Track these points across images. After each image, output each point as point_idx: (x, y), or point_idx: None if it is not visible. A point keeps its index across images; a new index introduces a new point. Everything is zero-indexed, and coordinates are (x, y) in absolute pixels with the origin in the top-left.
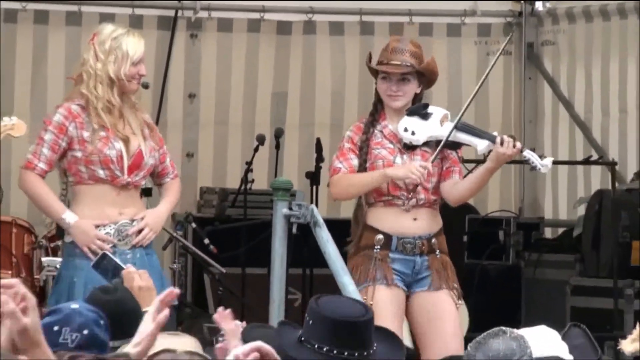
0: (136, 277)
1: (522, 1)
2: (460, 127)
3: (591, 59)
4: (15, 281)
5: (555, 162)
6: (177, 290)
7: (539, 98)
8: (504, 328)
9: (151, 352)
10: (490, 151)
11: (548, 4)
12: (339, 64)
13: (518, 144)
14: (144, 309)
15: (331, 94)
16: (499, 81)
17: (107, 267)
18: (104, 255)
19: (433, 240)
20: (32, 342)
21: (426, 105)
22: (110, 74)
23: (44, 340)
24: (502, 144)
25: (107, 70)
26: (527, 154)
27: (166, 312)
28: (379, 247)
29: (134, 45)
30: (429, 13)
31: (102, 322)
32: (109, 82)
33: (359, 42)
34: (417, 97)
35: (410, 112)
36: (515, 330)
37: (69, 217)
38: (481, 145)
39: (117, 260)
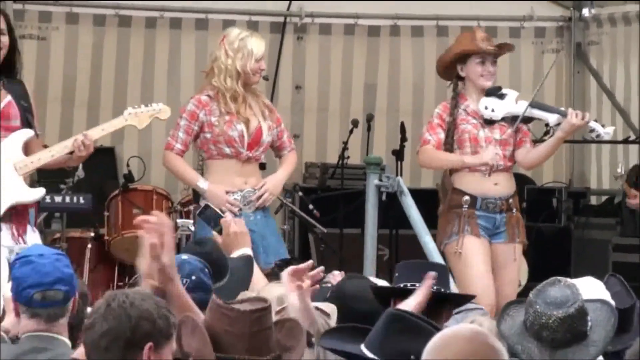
0: (232, 224)
1: (571, 8)
2: (534, 104)
3: (629, 56)
4: (167, 222)
5: (599, 142)
6: (321, 268)
7: (586, 89)
8: (559, 278)
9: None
10: (558, 124)
11: (593, 11)
12: (419, 61)
13: (586, 115)
14: (237, 250)
15: (412, 85)
16: (553, 75)
17: (209, 215)
18: (207, 206)
19: (510, 200)
20: (168, 278)
21: (500, 88)
22: (238, 68)
23: (177, 276)
24: (572, 115)
25: (235, 65)
26: (592, 124)
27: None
28: (466, 206)
29: (257, 44)
30: (494, 18)
31: (206, 270)
32: (236, 75)
33: (435, 42)
34: None
35: (488, 93)
36: (567, 279)
37: (202, 184)
38: (552, 118)
39: (218, 210)
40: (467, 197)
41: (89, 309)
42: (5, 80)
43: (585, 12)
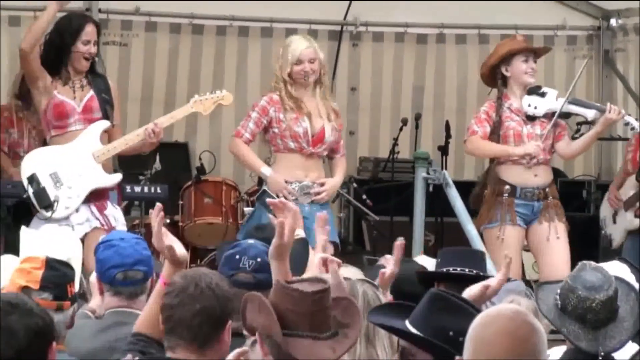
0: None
1: (600, 18)
2: (572, 101)
3: None
4: (295, 209)
5: (625, 139)
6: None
7: (613, 91)
8: (584, 262)
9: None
10: (595, 119)
11: (620, 21)
12: (462, 65)
13: (622, 111)
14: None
15: (456, 87)
16: (583, 78)
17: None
18: (264, 192)
19: (547, 189)
20: (283, 256)
21: (540, 87)
22: (284, 75)
23: (288, 258)
24: (610, 111)
25: (280, 72)
26: (628, 118)
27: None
28: (506, 194)
29: (294, 49)
30: (530, 27)
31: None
32: (283, 80)
33: (477, 49)
34: None
35: (530, 92)
36: (592, 262)
37: (265, 170)
38: (590, 113)
39: (274, 196)
40: (507, 187)
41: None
42: (90, 76)
43: (613, 22)
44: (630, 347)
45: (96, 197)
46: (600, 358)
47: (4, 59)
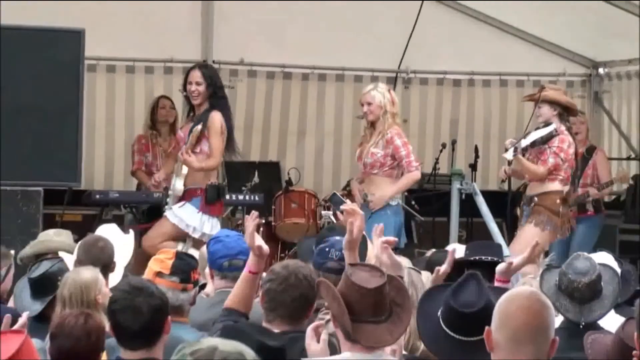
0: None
1: (591, 67)
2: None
3: (631, 100)
4: (360, 214)
5: (610, 158)
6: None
7: (601, 124)
8: (579, 252)
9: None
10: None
11: (606, 70)
12: (487, 103)
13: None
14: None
15: (483, 119)
16: (581, 117)
17: (336, 200)
18: (334, 194)
19: (535, 198)
20: (353, 248)
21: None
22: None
23: (357, 249)
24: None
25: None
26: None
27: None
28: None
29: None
30: (539, 74)
31: None
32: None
33: (498, 91)
34: None
35: None
36: (585, 253)
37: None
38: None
39: (341, 197)
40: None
41: (263, 274)
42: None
43: (601, 70)
44: (616, 319)
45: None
46: (581, 326)
47: (139, 98)
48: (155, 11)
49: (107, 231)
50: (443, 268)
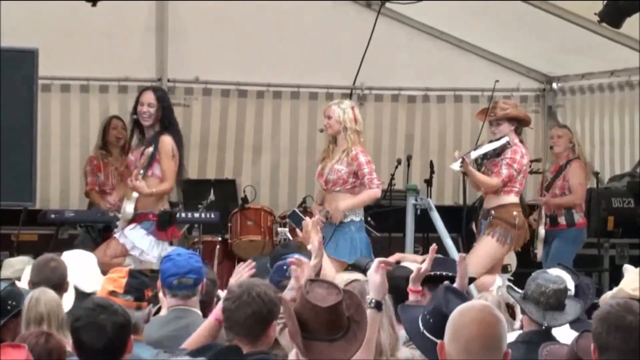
0: (308, 223)
1: (545, 82)
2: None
3: (585, 114)
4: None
5: None
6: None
7: None
8: (557, 264)
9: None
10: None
11: (559, 84)
12: (442, 119)
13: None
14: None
15: (438, 135)
16: (532, 126)
17: (295, 218)
18: (294, 211)
19: (492, 211)
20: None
21: None
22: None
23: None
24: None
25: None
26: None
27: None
28: None
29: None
30: (495, 90)
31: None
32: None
33: (453, 106)
34: None
35: None
36: (561, 267)
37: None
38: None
39: (300, 215)
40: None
41: (219, 292)
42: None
43: (555, 85)
44: (570, 334)
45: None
46: (543, 327)
47: (93, 118)
48: (110, 30)
49: (73, 257)
50: (424, 267)
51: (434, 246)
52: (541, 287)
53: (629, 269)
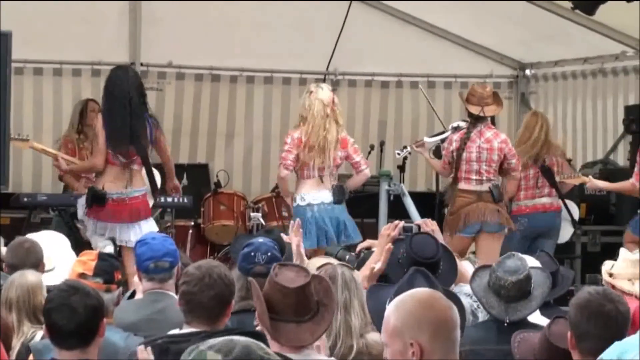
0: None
1: (518, 69)
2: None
3: (557, 101)
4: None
5: None
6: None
7: None
8: (513, 252)
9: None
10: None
11: (532, 71)
12: (415, 105)
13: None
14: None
15: (411, 121)
16: (505, 113)
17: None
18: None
19: None
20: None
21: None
22: None
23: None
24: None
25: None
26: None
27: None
28: None
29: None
30: (466, 76)
31: (276, 247)
32: None
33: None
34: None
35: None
36: (519, 253)
37: None
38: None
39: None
40: None
41: None
42: None
43: (528, 72)
44: (541, 320)
45: None
46: (505, 324)
47: (66, 101)
48: (83, 13)
49: (45, 237)
50: (378, 266)
51: (388, 247)
52: (500, 280)
53: (621, 253)
